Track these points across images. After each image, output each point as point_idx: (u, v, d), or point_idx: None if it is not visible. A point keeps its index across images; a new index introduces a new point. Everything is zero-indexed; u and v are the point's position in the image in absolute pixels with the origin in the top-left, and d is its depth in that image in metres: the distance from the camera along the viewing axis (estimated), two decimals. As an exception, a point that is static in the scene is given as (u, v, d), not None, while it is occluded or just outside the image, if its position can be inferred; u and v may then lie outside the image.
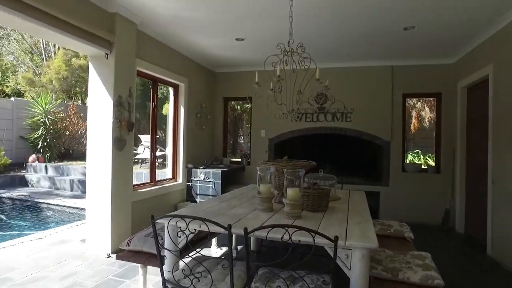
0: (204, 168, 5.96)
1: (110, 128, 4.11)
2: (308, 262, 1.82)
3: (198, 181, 5.90)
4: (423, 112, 10.52)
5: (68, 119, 11.64)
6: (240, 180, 6.85)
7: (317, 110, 6.50)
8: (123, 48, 4.30)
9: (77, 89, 14.01)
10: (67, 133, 11.51)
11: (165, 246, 2.38)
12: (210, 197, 5.75)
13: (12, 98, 11.97)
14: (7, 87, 16.21)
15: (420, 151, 9.25)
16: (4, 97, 14.04)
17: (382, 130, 6.29)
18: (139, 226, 4.61)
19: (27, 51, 17.34)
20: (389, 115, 6.26)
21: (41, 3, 3.20)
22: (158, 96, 5.53)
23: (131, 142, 4.45)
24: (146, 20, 4.52)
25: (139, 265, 2.85)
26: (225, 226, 1.85)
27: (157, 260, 2.11)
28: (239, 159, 7.29)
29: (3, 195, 8.21)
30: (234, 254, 4.28)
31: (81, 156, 11.35)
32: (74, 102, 13.19)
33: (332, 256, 1.76)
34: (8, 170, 9.85)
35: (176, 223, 2.24)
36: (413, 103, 10.49)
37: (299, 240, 1.81)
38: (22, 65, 17.23)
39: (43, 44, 16.05)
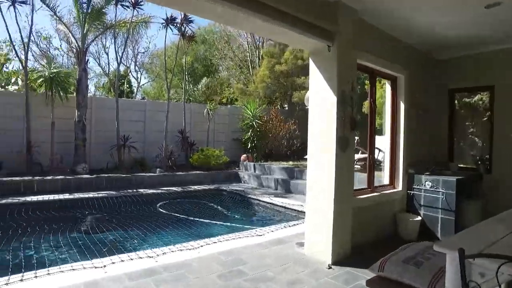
0: (430, 175, 4.91)
1: (334, 126, 3.74)
2: None
3: (422, 190, 4.90)
4: None
5: (270, 122, 12.61)
6: (478, 192, 5.35)
7: None
8: (345, 38, 3.88)
9: (277, 94, 15.12)
10: (270, 135, 12.46)
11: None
12: (439, 210, 4.67)
13: (228, 106, 13.99)
14: (223, 97, 19.29)
15: None
16: (224, 105, 16.52)
17: None
18: (359, 236, 4.10)
19: (237, 66, 20.15)
20: None
21: (274, 1, 3.11)
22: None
23: (353, 142, 3.97)
24: (368, 4, 3.95)
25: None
26: None
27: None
28: (473, 166, 5.77)
29: (224, 188, 9.44)
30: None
31: (282, 157, 12.03)
32: (276, 106, 14.25)
33: None
34: (226, 167, 11.40)
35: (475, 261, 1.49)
36: None
37: None
38: (234, 78, 20.12)
39: (249, 57, 18.26)
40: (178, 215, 6.71)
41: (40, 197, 7.41)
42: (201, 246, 4.39)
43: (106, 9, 10.51)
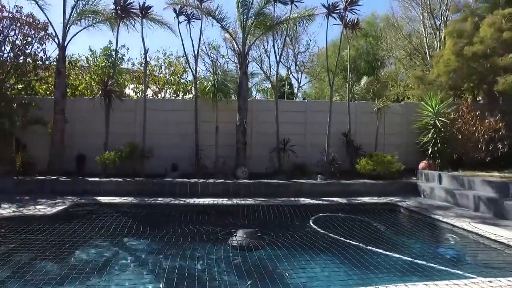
0: None
1: None
2: None
3: None
4: None
5: (460, 119, 9.75)
6: None
7: None
8: None
9: (466, 84, 11.80)
10: (459, 136, 9.61)
11: None
12: None
13: (402, 102, 11.72)
14: (391, 95, 16.74)
15: None
16: (395, 101, 14.25)
17: None
18: None
19: (409, 55, 17.22)
20: None
21: None
22: None
23: None
24: None
25: None
26: None
27: None
28: None
29: (399, 203, 7.50)
30: None
31: (477, 165, 9.03)
32: (467, 99, 11.11)
33: None
34: (400, 177, 9.30)
35: None
36: None
37: None
38: (405, 69, 17.36)
39: (426, 44, 15.29)
40: (334, 235, 5.29)
41: (201, 200, 7.52)
42: (378, 299, 2.96)
43: (265, 9, 10.21)
